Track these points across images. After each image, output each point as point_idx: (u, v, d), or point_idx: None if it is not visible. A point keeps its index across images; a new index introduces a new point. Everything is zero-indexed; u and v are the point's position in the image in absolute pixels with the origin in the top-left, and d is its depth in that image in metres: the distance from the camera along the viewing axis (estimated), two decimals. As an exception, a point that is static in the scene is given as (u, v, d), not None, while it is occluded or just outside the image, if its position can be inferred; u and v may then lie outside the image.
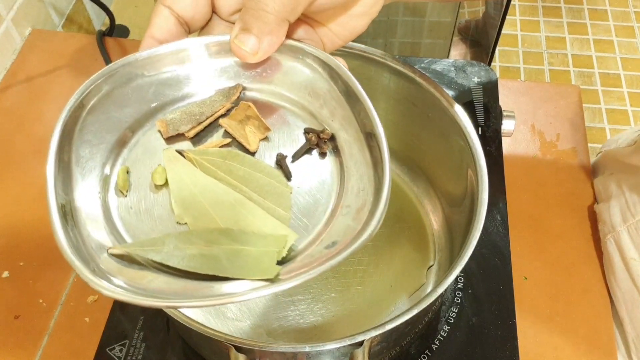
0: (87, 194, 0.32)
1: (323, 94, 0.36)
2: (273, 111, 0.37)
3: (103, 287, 0.28)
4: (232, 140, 0.35)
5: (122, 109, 0.35)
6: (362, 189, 0.33)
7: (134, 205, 0.33)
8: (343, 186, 0.34)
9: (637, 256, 0.54)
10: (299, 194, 0.34)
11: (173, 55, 0.35)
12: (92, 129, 0.34)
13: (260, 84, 0.37)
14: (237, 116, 0.36)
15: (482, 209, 0.43)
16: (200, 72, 0.36)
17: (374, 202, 0.31)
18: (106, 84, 0.34)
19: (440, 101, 0.49)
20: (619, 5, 1.98)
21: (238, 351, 0.40)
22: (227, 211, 0.32)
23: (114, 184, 0.34)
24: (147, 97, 0.35)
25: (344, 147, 0.35)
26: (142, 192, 0.33)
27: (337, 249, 0.30)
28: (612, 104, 1.73)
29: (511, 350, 0.51)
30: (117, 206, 0.33)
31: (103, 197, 0.33)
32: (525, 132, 0.69)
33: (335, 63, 0.35)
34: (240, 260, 0.30)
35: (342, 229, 0.32)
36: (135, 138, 0.35)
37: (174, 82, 0.36)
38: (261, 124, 0.35)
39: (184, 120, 0.35)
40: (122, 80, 0.34)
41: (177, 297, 0.29)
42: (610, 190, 0.60)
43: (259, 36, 0.33)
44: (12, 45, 0.75)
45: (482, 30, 1.21)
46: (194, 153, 0.34)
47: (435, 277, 0.55)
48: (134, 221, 0.32)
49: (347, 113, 0.35)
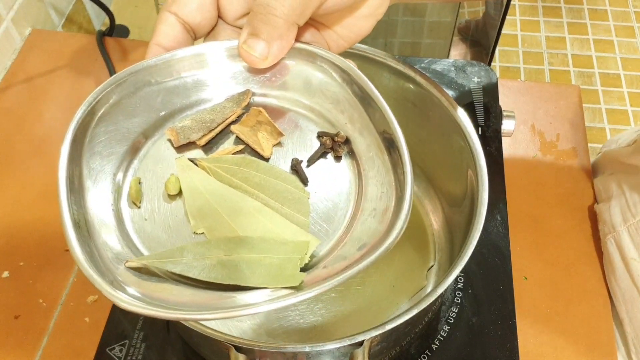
0: (100, 206, 0.32)
1: (335, 96, 0.35)
2: (284, 116, 0.36)
3: (122, 300, 0.27)
4: (244, 147, 0.35)
5: (130, 118, 0.34)
6: (383, 193, 0.32)
7: (148, 217, 0.32)
8: (361, 189, 0.33)
9: (637, 256, 0.54)
10: (317, 199, 0.33)
11: (181, 62, 0.35)
12: (102, 139, 0.33)
13: (270, 89, 0.36)
14: (249, 122, 0.35)
15: (482, 209, 0.43)
16: (208, 78, 0.36)
17: (397, 205, 0.31)
18: (114, 93, 0.33)
19: (440, 101, 0.49)
20: (619, 5, 1.98)
21: (238, 351, 0.40)
22: (244, 219, 0.31)
23: (126, 195, 0.33)
24: (155, 105, 0.35)
25: (360, 150, 0.34)
26: (155, 202, 0.33)
27: (364, 252, 0.30)
28: (612, 104, 1.73)
29: (511, 350, 0.51)
30: (131, 218, 0.32)
31: (116, 208, 0.32)
32: (525, 132, 0.69)
33: (347, 65, 0.35)
34: (262, 268, 0.29)
35: (369, 231, 0.31)
36: (145, 148, 0.35)
37: (182, 90, 0.36)
38: (274, 129, 0.34)
39: (195, 128, 0.35)
40: (129, 89, 0.34)
41: (199, 309, 0.28)
42: (610, 190, 0.60)
43: (268, 41, 0.32)
44: (12, 45, 0.75)
45: (482, 30, 1.21)
46: (207, 161, 0.34)
47: (435, 278, 0.55)
48: (149, 232, 0.32)
49: (362, 115, 0.34)
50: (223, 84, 0.36)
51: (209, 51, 0.35)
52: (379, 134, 0.34)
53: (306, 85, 0.36)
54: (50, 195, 0.63)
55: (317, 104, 0.36)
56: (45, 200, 0.62)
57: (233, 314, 0.28)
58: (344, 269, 0.28)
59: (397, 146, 0.32)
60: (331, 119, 0.36)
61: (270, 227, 0.31)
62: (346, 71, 0.35)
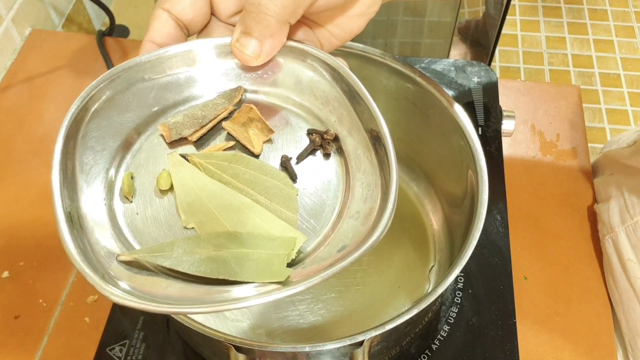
0: (93, 200, 0.32)
1: (325, 94, 0.36)
2: (275, 113, 0.37)
3: (113, 294, 0.28)
4: (235, 143, 0.35)
5: (123, 114, 0.35)
6: (369, 196, 0.33)
7: (140, 211, 0.33)
8: (349, 187, 0.34)
9: (634, 257, 0.54)
10: (305, 196, 0.34)
11: (173, 59, 0.35)
12: (95, 135, 0.33)
13: (262, 86, 0.37)
14: (240, 119, 0.35)
15: (482, 209, 0.43)
16: (201, 74, 0.36)
17: (382, 204, 0.31)
18: (107, 89, 0.34)
19: (440, 101, 0.49)
20: (619, 5, 1.98)
21: (238, 351, 0.40)
22: (234, 214, 0.32)
23: (119, 190, 0.34)
24: (148, 101, 0.35)
25: (349, 148, 0.35)
26: (147, 197, 0.33)
27: (346, 251, 0.30)
28: (612, 104, 1.73)
29: (511, 350, 0.51)
30: (124, 212, 0.33)
31: (109, 203, 0.33)
32: (525, 132, 0.69)
33: (336, 63, 0.35)
34: (250, 263, 0.30)
35: (351, 232, 0.32)
36: (138, 143, 0.35)
37: (174, 86, 0.36)
38: (264, 126, 0.35)
39: (187, 124, 0.35)
40: (123, 85, 0.34)
41: (188, 303, 0.29)
42: (609, 191, 0.60)
43: (260, 39, 0.33)
44: (12, 45, 0.75)
45: (482, 30, 1.21)
46: (198, 157, 0.34)
47: (435, 277, 0.55)
48: (141, 227, 0.32)
49: (350, 113, 0.35)
50: (215, 81, 0.37)
51: (202, 48, 0.35)
52: (367, 132, 0.34)
53: (297, 83, 0.36)
54: (50, 195, 0.63)
55: (308, 102, 0.36)
56: (45, 200, 0.62)
57: (220, 308, 0.28)
58: (330, 266, 0.29)
59: (383, 144, 0.32)
60: (321, 116, 0.36)
61: (259, 223, 0.32)
62: (336, 69, 0.35)
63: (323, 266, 0.30)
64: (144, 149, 0.35)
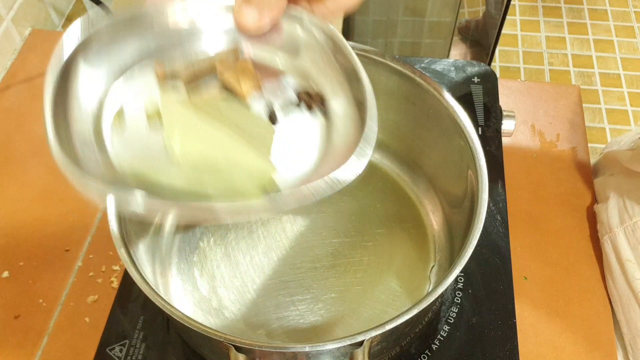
0: (83, 126, 0.34)
1: (316, 59, 0.38)
2: (269, 72, 0.39)
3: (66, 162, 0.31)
4: (226, 91, 0.38)
5: (124, 44, 0.37)
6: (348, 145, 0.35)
7: (127, 138, 0.35)
8: (330, 141, 0.37)
9: (633, 257, 0.54)
10: (285, 142, 0.36)
11: (178, 13, 0.37)
12: (94, 60, 0.36)
13: (259, 48, 0.39)
14: (234, 69, 0.38)
15: (482, 209, 0.43)
16: (202, 31, 0.38)
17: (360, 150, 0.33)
18: (110, 28, 0.36)
19: (440, 101, 0.49)
20: (619, 5, 1.98)
21: (238, 351, 0.39)
22: (215, 144, 0.35)
23: (109, 117, 0.35)
24: (148, 44, 0.38)
25: (335, 110, 0.37)
26: (135, 125, 0.35)
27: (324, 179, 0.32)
28: (612, 104, 1.73)
29: (511, 350, 0.51)
30: (111, 140, 0.35)
31: (97, 128, 0.35)
32: (525, 132, 0.69)
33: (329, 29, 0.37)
34: (225, 185, 0.33)
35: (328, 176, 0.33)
36: (132, 75, 0.37)
37: (175, 39, 0.38)
38: (256, 77, 0.37)
39: (181, 64, 0.38)
40: (126, 29, 0.37)
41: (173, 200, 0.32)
42: (609, 192, 0.60)
43: (260, 9, 0.35)
44: (12, 45, 0.75)
45: (482, 30, 1.21)
46: (188, 91, 0.37)
47: (435, 277, 0.55)
48: (127, 153, 0.35)
49: (339, 78, 0.38)
50: (215, 37, 0.39)
51: (205, 6, 0.38)
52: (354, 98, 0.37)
53: (292, 48, 0.39)
54: (50, 195, 0.63)
55: (300, 65, 0.39)
56: (45, 200, 0.62)
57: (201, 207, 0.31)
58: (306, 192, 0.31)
59: (358, 79, 0.36)
60: (312, 79, 0.39)
61: (237, 153, 0.35)
62: (330, 35, 0.37)
63: (300, 192, 0.32)
64: (138, 81, 0.37)
